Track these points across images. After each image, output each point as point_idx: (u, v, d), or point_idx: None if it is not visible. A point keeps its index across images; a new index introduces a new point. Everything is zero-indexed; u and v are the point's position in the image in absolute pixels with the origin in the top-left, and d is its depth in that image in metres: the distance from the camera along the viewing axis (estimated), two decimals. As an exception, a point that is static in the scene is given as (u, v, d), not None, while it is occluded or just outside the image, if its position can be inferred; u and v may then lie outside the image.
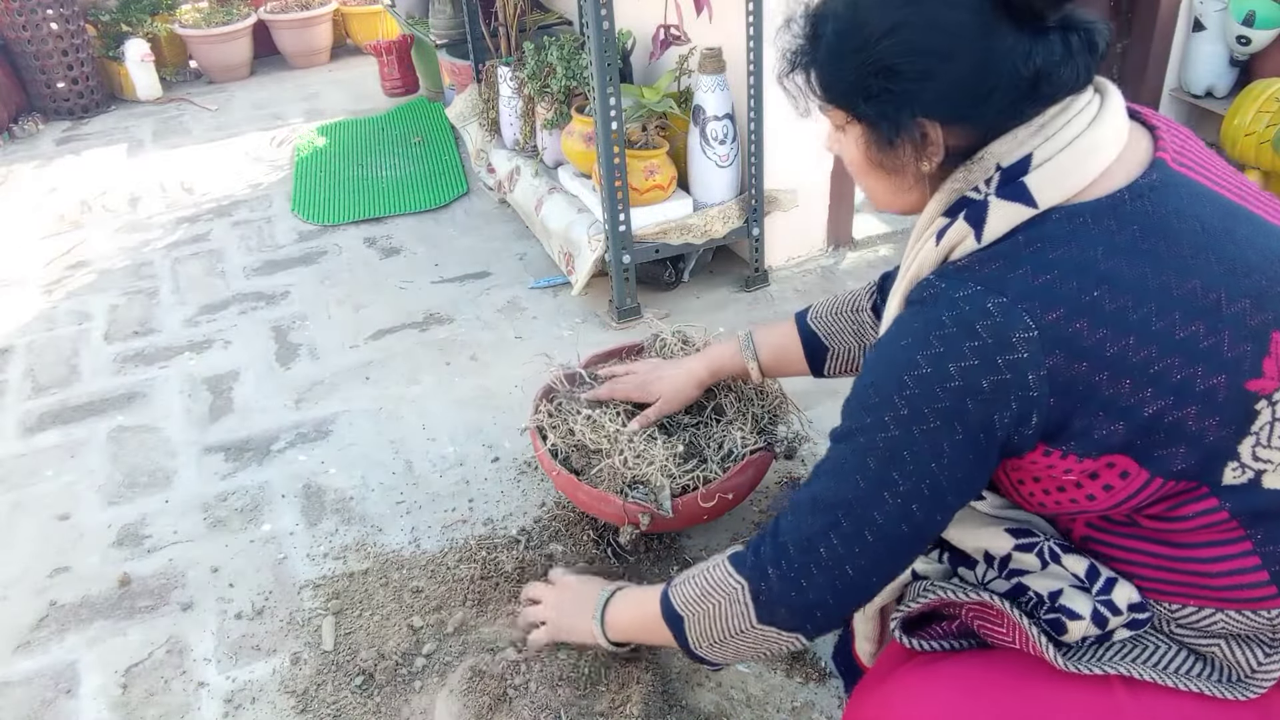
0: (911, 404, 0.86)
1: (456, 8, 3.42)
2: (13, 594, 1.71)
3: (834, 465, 0.95)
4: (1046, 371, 0.82)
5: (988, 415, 0.84)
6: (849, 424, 0.93)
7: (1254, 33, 2.60)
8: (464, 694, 1.43)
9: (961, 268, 0.88)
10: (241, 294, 2.69)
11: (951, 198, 0.92)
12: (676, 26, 2.20)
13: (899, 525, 0.90)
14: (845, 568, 0.94)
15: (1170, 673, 0.92)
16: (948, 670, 1.00)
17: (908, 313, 0.91)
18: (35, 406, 2.25)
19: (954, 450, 0.86)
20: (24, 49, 4.14)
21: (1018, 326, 0.82)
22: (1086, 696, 0.92)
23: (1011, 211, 0.87)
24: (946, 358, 0.84)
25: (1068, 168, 0.86)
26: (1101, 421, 0.83)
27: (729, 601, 1.04)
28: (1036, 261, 0.84)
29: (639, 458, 1.53)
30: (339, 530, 1.80)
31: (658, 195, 2.31)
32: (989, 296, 0.84)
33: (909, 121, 0.88)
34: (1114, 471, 0.86)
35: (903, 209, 1.00)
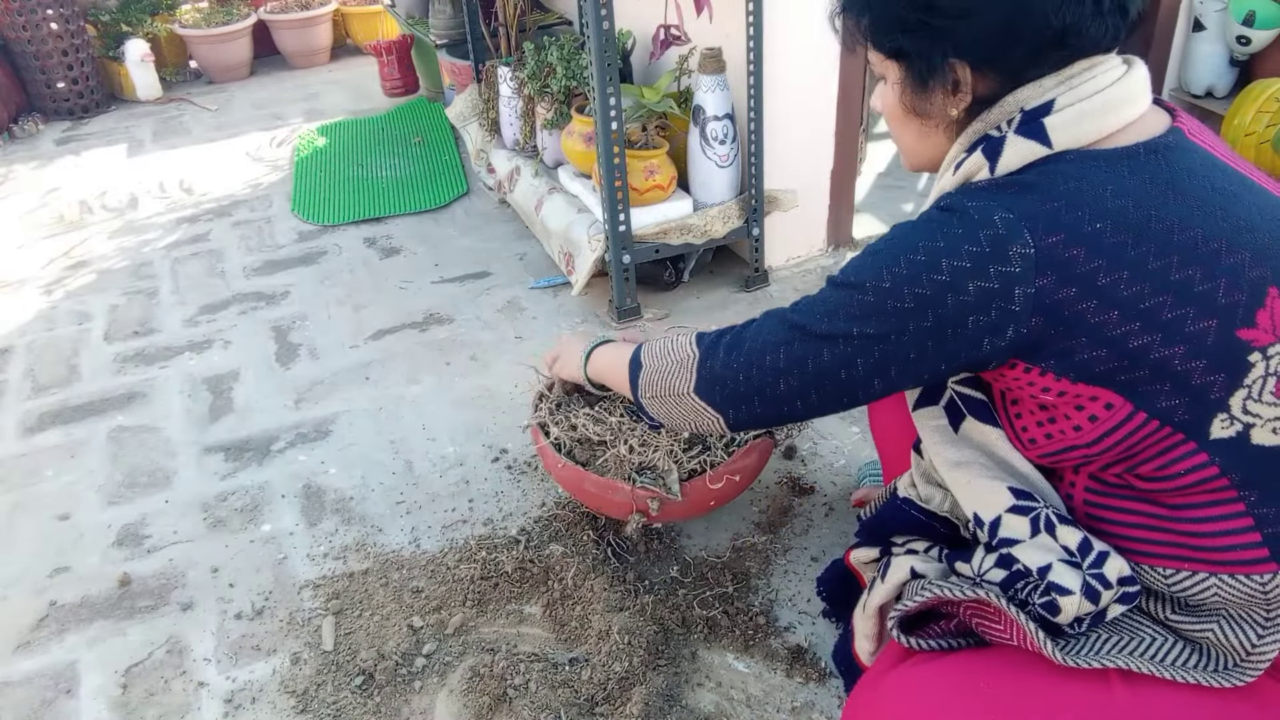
0: (894, 282, 0.92)
1: (456, 8, 3.42)
2: (13, 594, 1.71)
3: (813, 301, 1.02)
4: (1034, 290, 0.86)
5: (962, 315, 0.89)
6: (842, 276, 0.99)
7: (1254, 33, 2.60)
8: (464, 694, 1.43)
9: (979, 186, 0.94)
10: (241, 294, 2.69)
11: (973, 138, 0.97)
12: (676, 26, 2.20)
13: (838, 370, 0.98)
14: (779, 381, 1.02)
15: (1166, 665, 0.93)
16: (945, 668, 1.01)
17: (925, 213, 0.96)
18: (35, 406, 2.25)
19: (917, 332, 0.92)
20: (24, 49, 4.14)
21: (1017, 241, 0.86)
22: (1084, 690, 0.93)
23: (1026, 148, 0.92)
24: (942, 253, 0.90)
25: (1086, 115, 0.90)
26: (1084, 346, 0.87)
27: (678, 365, 1.14)
28: (1047, 191, 0.89)
29: (644, 445, 1.55)
30: (339, 530, 1.80)
31: (658, 195, 2.31)
32: (998, 210, 0.88)
33: (942, 61, 0.94)
34: (1099, 403, 0.90)
35: (930, 161, 1.05)
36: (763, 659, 1.47)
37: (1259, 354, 0.86)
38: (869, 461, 1.84)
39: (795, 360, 1.01)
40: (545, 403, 1.68)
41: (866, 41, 1.01)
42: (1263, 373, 0.86)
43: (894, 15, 0.95)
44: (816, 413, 1.06)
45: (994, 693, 0.95)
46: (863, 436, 1.93)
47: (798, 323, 1.01)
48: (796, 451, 1.90)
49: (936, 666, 1.01)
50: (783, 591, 1.59)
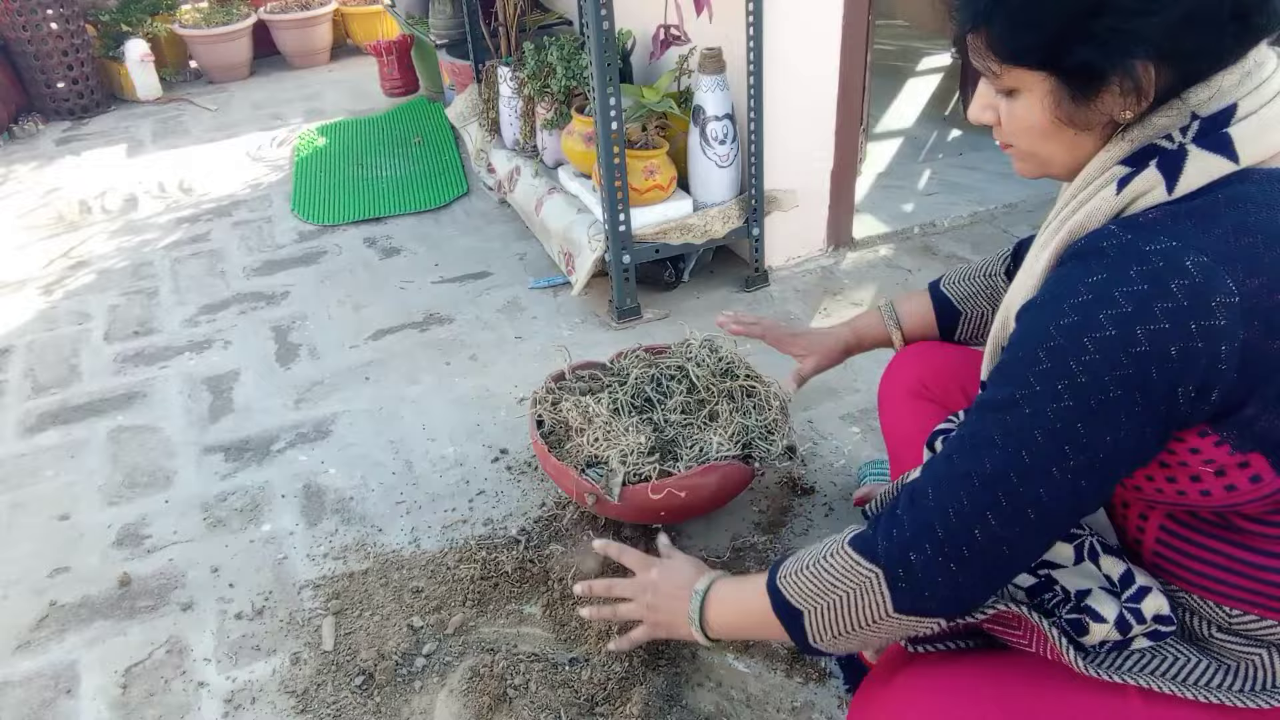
0: (1090, 371, 0.77)
1: (456, 8, 3.42)
2: (13, 594, 1.71)
3: (991, 437, 0.84)
4: (1240, 343, 0.75)
5: (1172, 385, 0.76)
6: (1010, 390, 0.83)
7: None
8: (464, 694, 1.43)
9: (1151, 220, 0.80)
10: (241, 294, 2.69)
11: (1133, 147, 0.84)
12: (676, 26, 2.20)
13: (1065, 502, 0.82)
14: (1003, 548, 0.85)
15: (1190, 684, 0.90)
16: (957, 672, 0.99)
17: (1078, 266, 0.81)
18: (35, 406, 2.25)
19: (1131, 422, 0.78)
20: (24, 49, 4.14)
21: (1220, 289, 0.74)
22: (1100, 702, 0.91)
23: (1212, 164, 0.79)
24: (1134, 319, 0.75)
25: (1270, 125, 0.80)
26: (1270, 413, 0.77)
27: (860, 592, 0.92)
28: (1238, 222, 0.77)
29: (606, 440, 1.56)
30: (339, 530, 1.80)
31: (658, 195, 2.31)
32: (1188, 253, 0.75)
33: (1126, 63, 0.79)
34: (1245, 473, 0.81)
35: (1074, 170, 0.90)
36: (763, 659, 1.47)
37: None
38: (869, 461, 1.83)
39: (1012, 518, 0.83)
40: (553, 382, 1.75)
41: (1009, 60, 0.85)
42: None
43: (1057, 26, 0.80)
44: (1044, 553, 0.89)
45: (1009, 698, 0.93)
46: (863, 436, 1.93)
47: (991, 474, 0.83)
48: (796, 451, 1.90)
49: (948, 668, 0.99)
50: (783, 591, 1.59)
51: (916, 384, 1.37)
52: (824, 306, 2.41)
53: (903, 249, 2.66)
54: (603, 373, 1.78)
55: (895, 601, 0.90)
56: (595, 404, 1.64)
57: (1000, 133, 0.93)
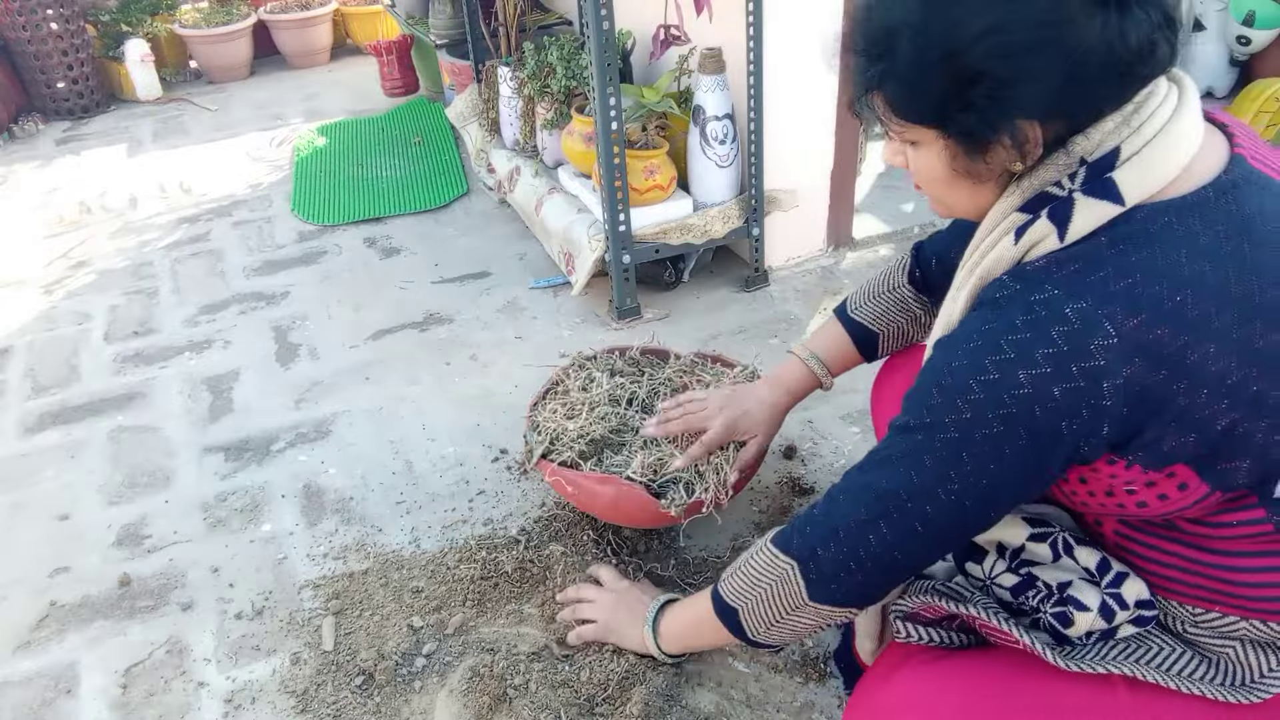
0: (975, 408, 0.84)
1: (456, 8, 3.42)
2: (13, 594, 1.71)
3: (891, 456, 0.93)
4: (1123, 380, 0.79)
5: (1055, 423, 0.82)
6: (909, 418, 0.91)
7: (1254, 33, 2.60)
8: (464, 694, 1.43)
9: (1038, 269, 0.85)
10: (241, 294, 2.69)
11: (1028, 194, 0.88)
12: (676, 26, 2.20)
13: (950, 520, 0.90)
14: (894, 554, 0.94)
15: (1174, 675, 0.92)
16: (950, 670, 1.00)
17: (977, 315, 0.88)
18: (35, 406, 2.25)
19: (1015, 455, 0.84)
20: (24, 49, 4.14)
21: (1097, 333, 0.79)
22: (1089, 696, 0.92)
23: (1098, 211, 0.83)
24: (1017, 364, 0.81)
25: (1154, 162, 0.83)
26: (1173, 433, 0.81)
27: (780, 582, 1.04)
28: (1119, 264, 0.81)
29: (566, 412, 1.64)
30: (339, 530, 1.80)
31: (658, 195, 2.31)
32: (1068, 301, 0.80)
33: (1010, 125, 0.84)
34: (1173, 482, 0.84)
35: (979, 213, 0.96)
36: (763, 659, 1.47)
37: None
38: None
39: (902, 530, 0.92)
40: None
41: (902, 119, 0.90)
42: None
43: (940, 93, 0.85)
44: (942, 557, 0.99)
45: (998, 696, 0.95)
46: (863, 436, 1.93)
47: (887, 489, 0.92)
48: (796, 451, 1.90)
49: (941, 667, 1.01)
50: (783, 591, 1.59)
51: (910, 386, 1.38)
52: (824, 306, 2.41)
53: (903, 249, 2.65)
54: (623, 361, 1.80)
55: (809, 591, 1.02)
56: (593, 382, 1.67)
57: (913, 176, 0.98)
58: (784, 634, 1.09)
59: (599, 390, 1.68)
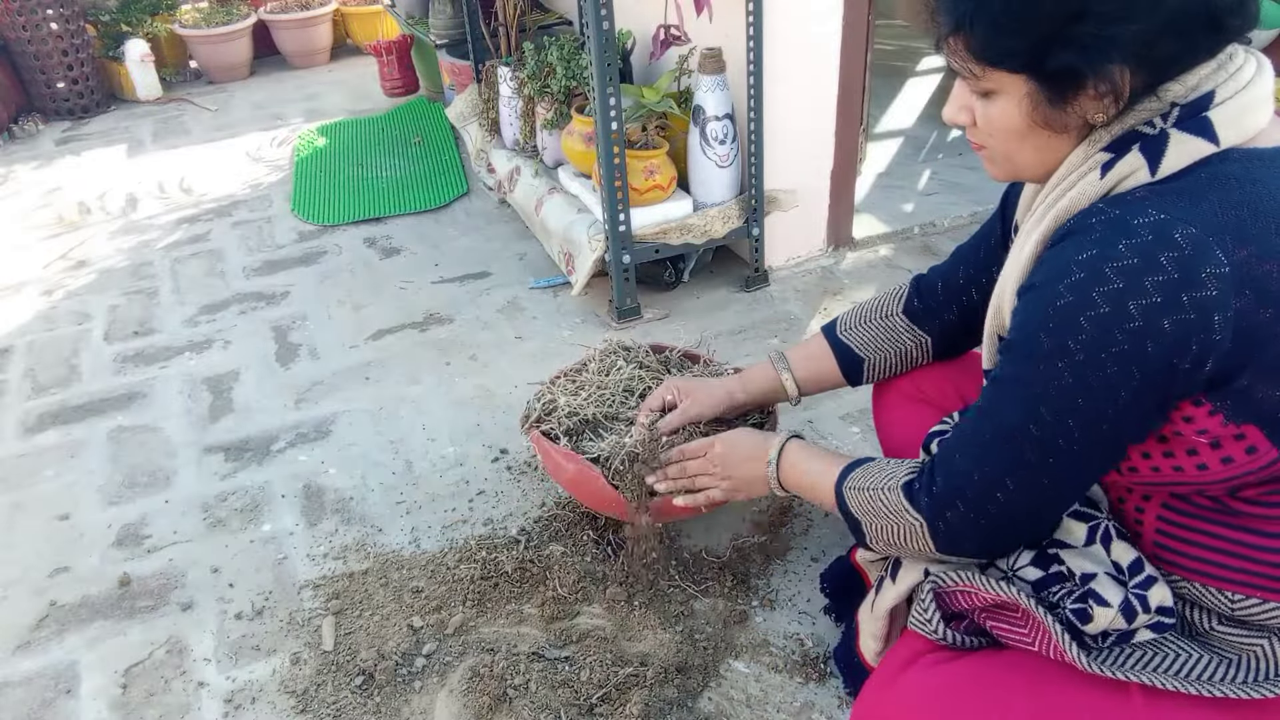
0: (1087, 349, 0.81)
1: (456, 8, 3.42)
2: (13, 594, 1.71)
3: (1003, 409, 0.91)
4: (1233, 313, 0.77)
5: (1167, 358, 0.79)
6: (1015, 368, 0.88)
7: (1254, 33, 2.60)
8: (464, 694, 1.43)
9: (1136, 197, 0.82)
10: (241, 294, 2.69)
11: (1111, 138, 0.86)
12: (676, 26, 2.20)
13: (1075, 467, 0.88)
14: (1021, 510, 0.93)
15: (1191, 680, 0.90)
16: (961, 670, 0.99)
17: (1070, 244, 0.84)
18: (35, 406, 2.25)
19: (1131, 395, 0.82)
20: (24, 49, 4.14)
21: (1209, 260, 0.76)
22: (1102, 701, 0.91)
23: (1193, 146, 0.82)
24: (1126, 294, 0.78)
25: (1247, 109, 0.83)
26: (1265, 382, 0.80)
27: (908, 531, 1.03)
28: (1223, 197, 0.79)
29: (578, 391, 1.66)
30: (339, 530, 1.80)
31: (658, 195, 2.31)
32: (1177, 225, 0.77)
33: (1105, 68, 0.81)
34: (1241, 445, 0.83)
35: (1044, 173, 0.93)
36: (763, 660, 1.47)
37: None
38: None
39: (1027, 485, 0.91)
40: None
41: (990, 63, 0.87)
42: None
43: (1039, 31, 0.83)
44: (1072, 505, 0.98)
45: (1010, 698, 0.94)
46: (862, 436, 1.93)
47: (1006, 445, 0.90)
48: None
49: (952, 668, 1.00)
50: (783, 591, 1.59)
51: (912, 388, 1.38)
52: (824, 306, 2.41)
53: (903, 249, 2.66)
54: (656, 358, 1.80)
55: (936, 545, 1.01)
56: (615, 369, 1.69)
57: (975, 133, 0.95)
58: (903, 556, 1.09)
59: (616, 377, 1.68)
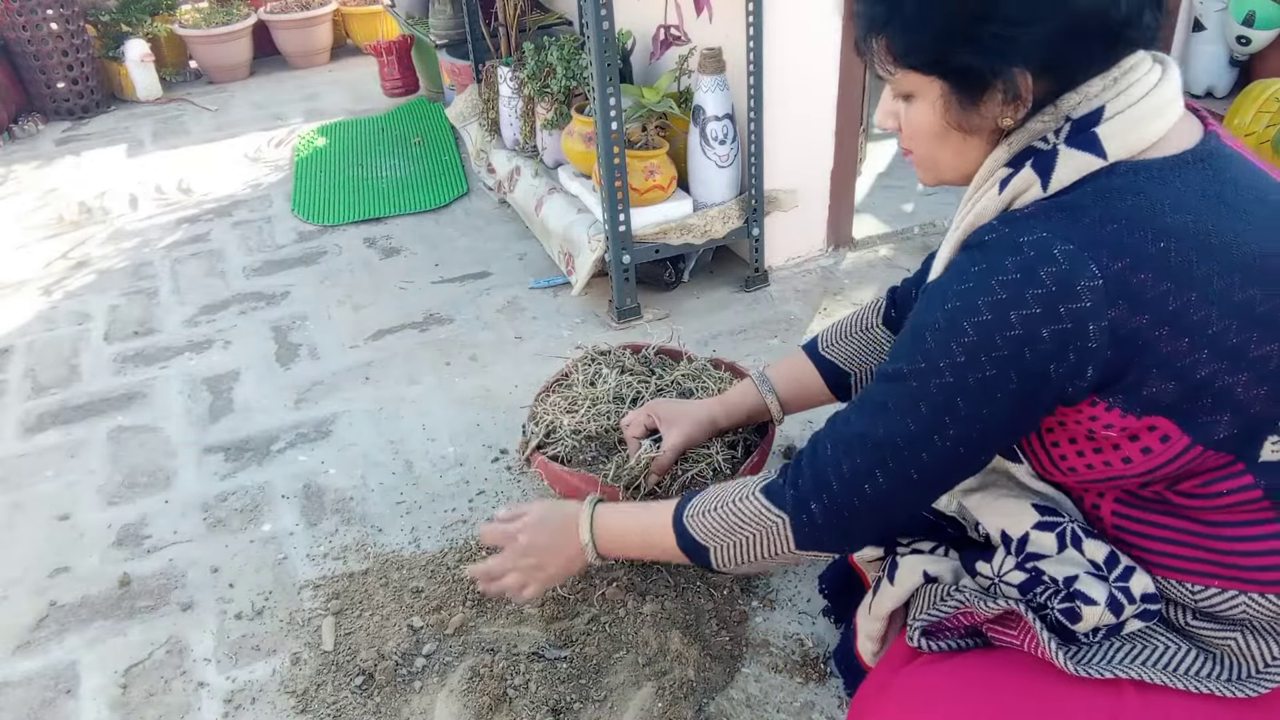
0: (969, 351, 0.85)
1: (456, 8, 3.42)
2: (13, 594, 1.71)
3: (882, 404, 0.94)
4: (1108, 322, 0.81)
5: (1044, 365, 0.83)
6: (901, 365, 0.92)
7: (1254, 33, 2.60)
8: (464, 694, 1.43)
9: (1025, 214, 0.87)
10: (241, 294, 2.69)
11: (1016, 148, 0.91)
12: (676, 26, 2.20)
13: (945, 464, 0.92)
14: (889, 502, 0.96)
15: (1180, 674, 0.92)
16: (954, 670, 1.00)
17: (965, 256, 0.89)
18: (35, 406, 2.25)
19: (1007, 397, 0.86)
20: (24, 49, 4.14)
21: (1083, 274, 0.81)
22: (1094, 697, 0.92)
23: (1081, 161, 0.86)
24: (1008, 304, 0.83)
25: (1137, 123, 0.86)
26: (1154, 378, 0.83)
27: (766, 533, 1.05)
28: (1104, 211, 0.83)
29: (569, 407, 1.66)
30: (339, 530, 1.80)
31: (658, 195, 2.31)
32: (1055, 242, 0.82)
33: (1008, 71, 0.86)
34: (1155, 435, 0.86)
35: (963, 176, 0.98)
36: (764, 660, 1.47)
37: None
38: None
39: (896, 477, 0.93)
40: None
41: (903, 63, 0.92)
42: None
43: (946, 31, 0.87)
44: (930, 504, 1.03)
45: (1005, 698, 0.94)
46: (863, 436, 1.93)
47: (881, 439, 0.93)
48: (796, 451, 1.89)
49: (946, 669, 1.01)
50: (783, 591, 1.59)
51: None
52: (824, 306, 2.41)
53: (903, 249, 2.66)
54: (635, 359, 1.80)
55: (797, 541, 1.03)
56: (600, 378, 1.69)
57: (902, 138, 1.00)
58: (753, 569, 1.12)
59: (604, 387, 1.68)
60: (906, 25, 0.89)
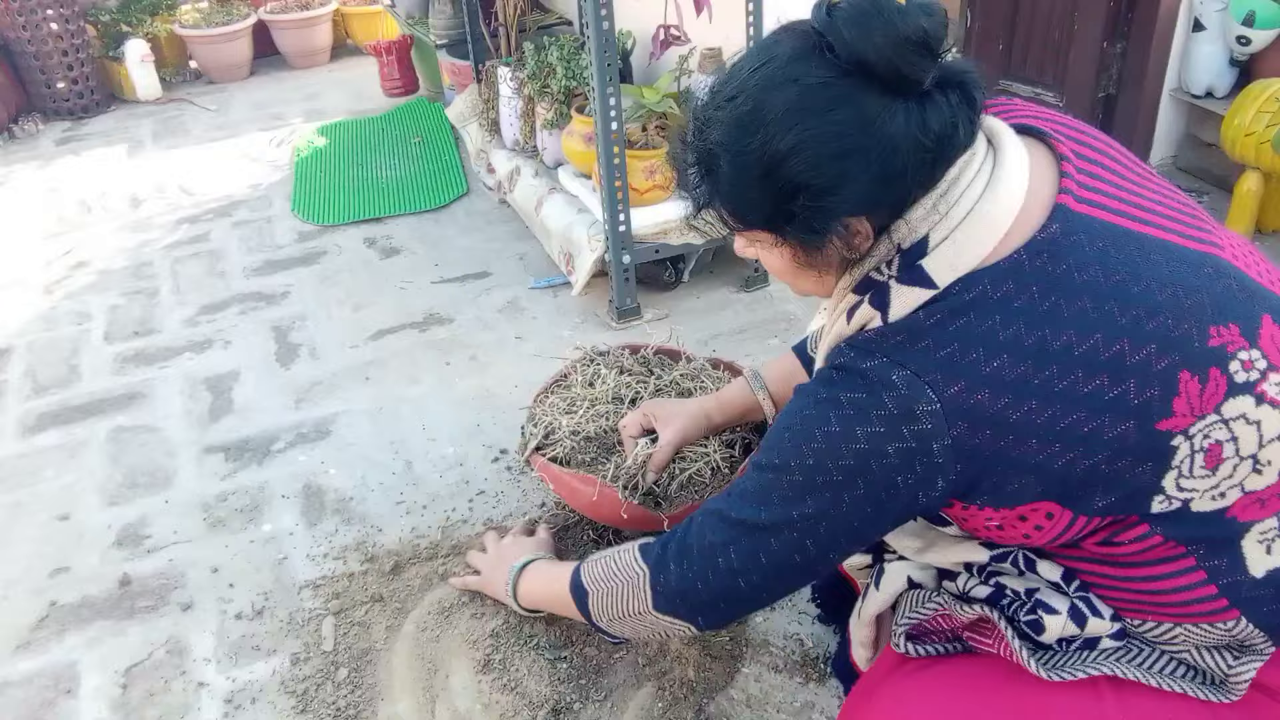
0: (817, 457, 0.89)
1: (456, 8, 3.42)
2: (13, 594, 1.71)
3: (746, 489, 0.99)
4: (951, 441, 0.83)
5: (890, 477, 0.86)
6: (763, 457, 0.97)
7: (1254, 33, 2.60)
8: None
9: (868, 339, 0.90)
10: (241, 294, 2.69)
11: (857, 278, 0.93)
12: (676, 26, 2.20)
13: (791, 555, 0.95)
14: (738, 580, 1.00)
15: (1154, 673, 0.93)
16: (938, 676, 1.02)
17: (824, 373, 0.93)
18: (35, 406, 2.25)
19: (853, 503, 0.89)
20: (24, 49, 4.14)
21: (921, 399, 0.83)
22: (1074, 698, 0.93)
23: (912, 296, 0.88)
24: (855, 420, 0.87)
25: (964, 245, 0.86)
26: (1012, 478, 0.85)
27: (630, 586, 1.11)
28: (937, 335, 0.85)
29: (567, 408, 1.67)
30: (339, 530, 1.80)
31: (658, 195, 2.31)
32: (893, 369, 0.85)
33: (835, 225, 0.88)
34: (1039, 514, 0.88)
35: (827, 295, 1.02)
36: (764, 660, 1.47)
37: (1181, 436, 0.83)
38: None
39: (747, 557, 0.98)
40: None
41: (743, 227, 0.95)
42: (1189, 451, 0.84)
43: (769, 210, 0.89)
44: (785, 594, 1.06)
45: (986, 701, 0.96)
46: (863, 436, 1.93)
47: (737, 518, 0.98)
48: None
49: (930, 675, 1.02)
50: (783, 591, 1.59)
51: None
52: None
53: (903, 249, 2.66)
54: (634, 359, 1.79)
55: (654, 601, 1.09)
56: (599, 379, 1.68)
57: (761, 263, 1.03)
58: (626, 631, 1.17)
59: (603, 387, 1.68)
60: (727, 200, 0.93)
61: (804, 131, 0.84)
